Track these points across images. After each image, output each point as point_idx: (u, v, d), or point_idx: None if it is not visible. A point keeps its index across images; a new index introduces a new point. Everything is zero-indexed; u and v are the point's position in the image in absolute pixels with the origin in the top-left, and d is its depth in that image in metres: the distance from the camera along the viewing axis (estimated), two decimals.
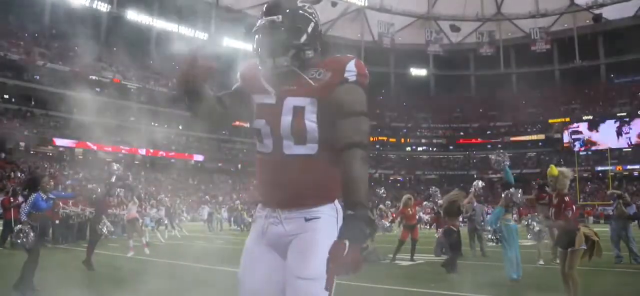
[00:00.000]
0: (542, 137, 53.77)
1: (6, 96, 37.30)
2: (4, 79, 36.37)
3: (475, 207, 9.58)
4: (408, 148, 57.34)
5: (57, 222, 11.41)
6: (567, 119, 51.91)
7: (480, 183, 9.49)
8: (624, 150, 48.40)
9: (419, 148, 57.83)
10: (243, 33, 55.03)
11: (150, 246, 11.72)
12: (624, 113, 49.10)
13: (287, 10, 1.77)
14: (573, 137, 50.98)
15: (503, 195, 6.97)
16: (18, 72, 37.18)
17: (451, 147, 55.82)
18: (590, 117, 50.51)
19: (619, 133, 49.08)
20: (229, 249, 13.22)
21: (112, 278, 7.36)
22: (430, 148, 57.53)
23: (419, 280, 7.32)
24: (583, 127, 50.65)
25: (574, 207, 4.86)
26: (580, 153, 49.03)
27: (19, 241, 5.70)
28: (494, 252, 10.85)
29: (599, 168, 46.98)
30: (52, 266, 7.22)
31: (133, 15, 47.07)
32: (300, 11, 1.80)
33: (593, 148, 49.51)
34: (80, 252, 8.38)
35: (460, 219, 9.60)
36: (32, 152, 36.61)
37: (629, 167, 46.77)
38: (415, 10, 59.18)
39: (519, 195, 6.79)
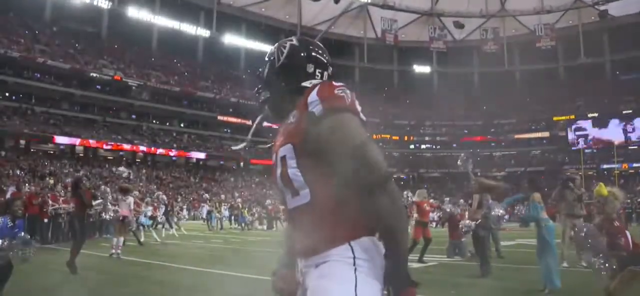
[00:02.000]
0: (546, 134, 53.38)
1: (7, 93, 37.07)
2: (4, 76, 36.11)
3: (491, 204, 9.06)
4: (411, 146, 57.01)
5: (45, 220, 11.02)
6: (572, 116, 51.45)
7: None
8: (629, 147, 47.98)
9: (423, 146, 57.48)
10: (244, 30, 54.91)
11: (145, 246, 11.37)
12: (630, 111, 48.63)
13: None
14: (578, 134, 50.53)
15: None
16: (18, 70, 36.94)
17: (455, 145, 55.35)
18: (596, 115, 50.02)
19: (625, 130, 48.66)
20: (223, 249, 12.87)
21: (93, 282, 7.00)
22: (434, 146, 57.17)
23: (436, 286, 6.58)
24: (588, 124, 50.20)
25: (627, 233, 4.27)
26: (586, 150, 48.56)
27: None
28: (510, 253, 10.44)
29: (605, 166, 46.46)
30: (33, 269, 6.83)
31: (134, 12, 46.72)
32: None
33: (598, 145, 49.05)
34: (68, 253, 7.99)
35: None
36: (32, 150, 36.35)
37: (634, 164, 46.32)
38: (418, 6, 58.77)
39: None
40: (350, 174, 1.47)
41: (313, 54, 1.72)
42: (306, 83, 1.66)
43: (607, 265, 4.16)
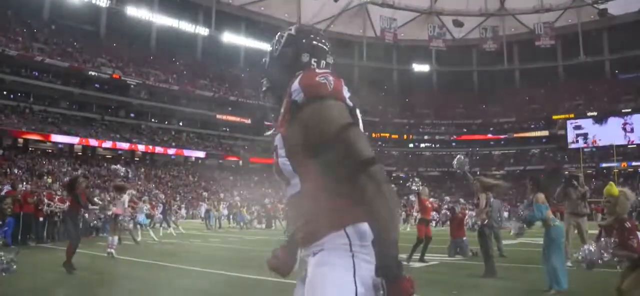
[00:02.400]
0: (545, 133, 53.34)
1: (4, 92, 36.91)
2: (2, 75, 35.96)
3: (492, 202, 8.93)
4: (410, 145, 56.96)
5: (41, 219, 10.88)
6: (572, 115, 51.46)
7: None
8: (629, 146, 47.98)
9: (422, 145, 57.44)
10: (243, 29, 54.74)
11: (142, 245, 11.25)
12: (629, 110, 48.67)
13: None
14: (577, 133, 50.54)
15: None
16: (16, 68, 36.78)
17: (454, 144, 55.32)
18: (595, 113, 50.02)
19: (624, 129, 48.66)
20: (222, 249, 12.77)
21: (87, 281, 6.90)
22: (433, 145, 57.13)
23: (437, 285, 6.46)
24: (587, 123, 50.20)
25: (639, 235, 4.06)
26: (585, 149, 48.56)
27: None
28: (512, 252, 10.32)
29: (604, 165, 46.49)
30: (28, 268, 6.73)
31: (132, 10, 46.53)
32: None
33: (597, 144, 49.05)
34: (63, 252, 7.88)
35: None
36: (30, 149, 36.21)
37: (634, 163, 46.31)
38: (417, 5, 58.69)
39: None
40: (333, 160, 1.47)
41: (311, 42, 1.73)
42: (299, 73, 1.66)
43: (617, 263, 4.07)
